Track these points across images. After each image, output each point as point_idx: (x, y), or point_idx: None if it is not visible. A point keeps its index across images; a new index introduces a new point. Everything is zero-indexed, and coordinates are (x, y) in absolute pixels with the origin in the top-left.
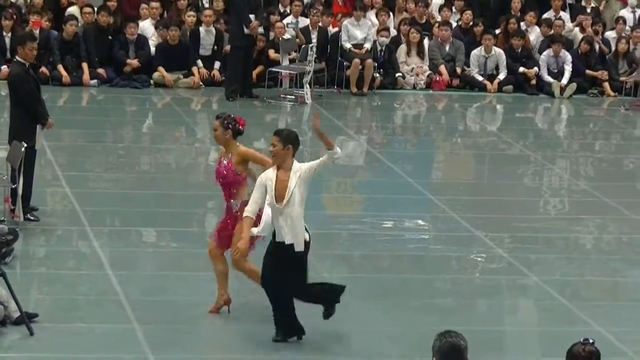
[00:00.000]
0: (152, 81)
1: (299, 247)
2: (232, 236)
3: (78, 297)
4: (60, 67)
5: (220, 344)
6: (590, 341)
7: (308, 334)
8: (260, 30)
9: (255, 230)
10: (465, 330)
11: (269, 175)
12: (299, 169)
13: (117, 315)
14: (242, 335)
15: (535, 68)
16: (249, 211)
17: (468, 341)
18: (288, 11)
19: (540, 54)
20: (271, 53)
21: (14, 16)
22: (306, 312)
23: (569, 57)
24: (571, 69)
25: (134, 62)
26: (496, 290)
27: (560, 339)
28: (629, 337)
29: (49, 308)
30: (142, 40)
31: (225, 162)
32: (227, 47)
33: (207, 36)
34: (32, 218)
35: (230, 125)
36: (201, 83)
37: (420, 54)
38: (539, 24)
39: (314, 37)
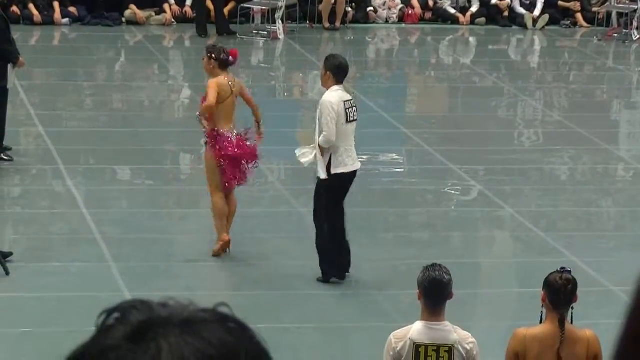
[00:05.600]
0: (124, 19)
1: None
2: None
3: (53, 236)
4: (31, 6)
5: (195, 281)
6: (568, 269)
7: (280, 270)
8: None
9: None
10: (440, 263)
11: None
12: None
13: (92, 253)
14: (219, 273)
15: (508, 0)
16: None
17: None
18: None
19: None
20: None
21: None
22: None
23: None
24: (543, 0)
25: None
26: (471, 223)
27: (536, 270)
28: (604, 267)
29: (24, 248)
30: None
31: None
32: None
33: None
34: (5, 158)
35: (213, 56)
36: (173, 20)
37: None
38: None
39: None
